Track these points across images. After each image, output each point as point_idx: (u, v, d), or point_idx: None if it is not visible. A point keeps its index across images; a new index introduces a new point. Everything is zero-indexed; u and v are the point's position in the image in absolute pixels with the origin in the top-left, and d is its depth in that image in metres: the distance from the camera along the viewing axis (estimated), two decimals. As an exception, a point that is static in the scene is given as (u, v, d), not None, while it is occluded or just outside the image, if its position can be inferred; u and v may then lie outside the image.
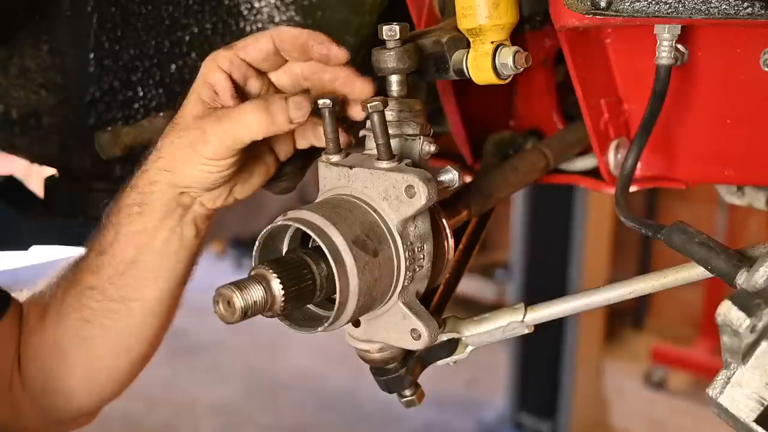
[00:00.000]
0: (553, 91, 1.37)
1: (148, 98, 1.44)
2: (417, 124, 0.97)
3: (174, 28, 1.43)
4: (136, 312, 1.08)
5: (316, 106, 0.94)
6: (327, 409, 4.72)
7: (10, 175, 1.61)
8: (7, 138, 1.43)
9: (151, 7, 1.41)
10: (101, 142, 1.40)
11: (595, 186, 1.32)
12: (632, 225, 0.99)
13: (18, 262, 1.22)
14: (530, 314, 1.03)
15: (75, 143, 1.44)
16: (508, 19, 0.96)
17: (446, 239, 1.00)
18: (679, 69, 1.10)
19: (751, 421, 0.80)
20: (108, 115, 1.43)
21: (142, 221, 1.02)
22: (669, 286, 0.99)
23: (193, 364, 5.03)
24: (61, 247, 1.53)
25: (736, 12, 0.88)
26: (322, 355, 5.13)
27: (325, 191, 0.96)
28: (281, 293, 0.82)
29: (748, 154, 1.17)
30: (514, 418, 4.53)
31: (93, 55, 1.40)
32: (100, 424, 1.27)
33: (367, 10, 1.37)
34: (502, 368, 4.66)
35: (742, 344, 0.78)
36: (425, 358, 1.07)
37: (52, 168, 1.54)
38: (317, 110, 0.95)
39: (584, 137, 1.24)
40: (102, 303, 1.08)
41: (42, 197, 1.57)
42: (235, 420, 4.59)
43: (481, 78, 0.98)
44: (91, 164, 1.45)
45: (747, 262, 0.85)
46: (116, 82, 1.42)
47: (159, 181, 1.00)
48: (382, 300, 0.92)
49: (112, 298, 1.07)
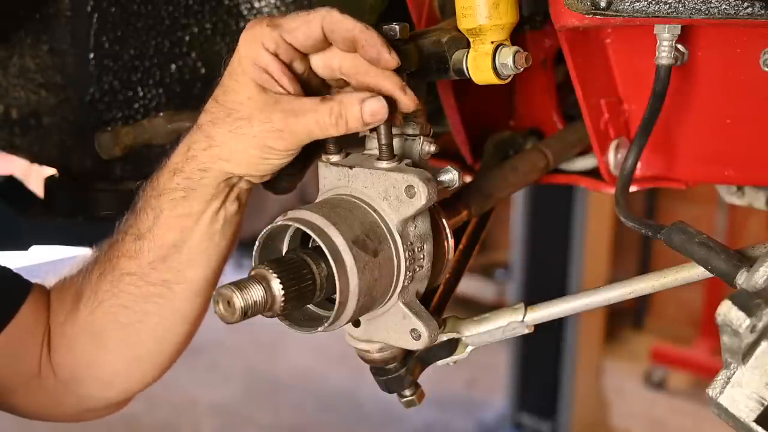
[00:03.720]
0: (553, 91, 1.37)
1: (148, 98, 1.44)
2: (417, 124, 0.97)
3: (174, 28, 1.43)
4: (180, 295, 1.05)
5: None
6: (327, 409, 4.72)
7: (10, 175, 1.61)
8: (7, 138, 1.43)
9: (151, 7, 1.41)
10: (101, 142, 1.40)
11: (595, 186, 1.32)
12: (632, 225, 0.99)
13: (18, 262, 1.22)
14: (530, 314, 1.03)
15: (75, 143, 1.44)
16: (508, 19, 0.96)
17: (446, 239, 1.00)
18: (679, 69, 1.10)
19: (751, 421, 0.80)
20: (108, 115, 1.43)
21: (188, 205, 0.98)
22: (669, 286, 0.99)
23: (194, 363, 5.02)
24: (61, 247, 1.53)
25: (736, 12, 0.88)
26: (322, 355, 5.13)
27: (325, 191, 0.96)
28: (281, 293, 0.82)
29: (748, 154, 1.17)
30: (514, 418, 4.52)
31: (93, 55, 1.40)
32: (101, 423, 1.27)
33: (367, 10, 1.37)
34: (502, 368, 4.66)
35: (742, 344, 0.78)
36: (425, 358, 1.07)
37: (52, 168, 1.54)
38: None
39: (584, 137, 1.25)
40: (143, 288, 1.04)
41: (42, 197, 1.57)
42: (235, 420, 4.59)
43: (481, 78, 0.98)
44: (91, 164, 1.45)
45: (747, 262, 0.85)
46: (116, 82, 1.42)
47: (212, 168, 0.95)
48: (382, 300, 0.92)
49: (154, 283, 1.04)
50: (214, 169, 0.95)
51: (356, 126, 0.90)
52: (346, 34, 0.89)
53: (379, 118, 0.89)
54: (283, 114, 0.90)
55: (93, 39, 1.39)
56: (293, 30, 0.90)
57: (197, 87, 1.45)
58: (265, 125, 0.90)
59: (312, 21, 0.89)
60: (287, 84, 0.91)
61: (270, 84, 0.91)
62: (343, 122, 0.89)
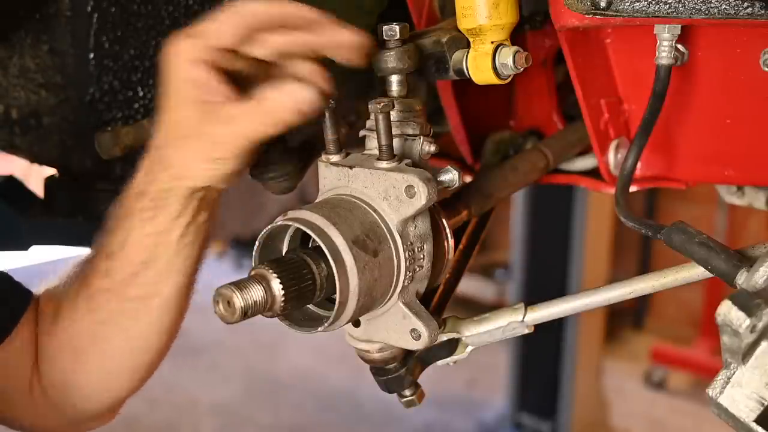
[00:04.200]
0: (553, 91, 1.37)
1: (148, 98, 1.44)
2: (417, 124, 0.97)
3: (174, 28, 1.42)
4: (155, 309, 1.06)
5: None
6: (327, 409, 4.72)
7: (10, 175, 1.61)
8: (7, 138, 1.43)
9: (151, 7, 1.41)
10: (101, 142, 1.40)
11: (595, 186, 1.33)
12: (632, 225, 0.99)
13: (18, 262, 1.22)
14: (530, 314, 1.03)
15: (75, 143, 1.44)
16: (508, 19, 0.96)
17: (446, 239, 1.00)
18: (679, 69, 1.10)
19: (751, 421, 0.80)
20: (108, 115, 1.43)
21: (156, 224, 0.99)
22: (669, 286, 0.99)
23: (194, 364, 5.03)
24: (61, 247, 1.53)
25: (736, 12, 0.88)
26: (322, 355, 5.13)
27: (325, 191, 0.96)
28: (281, 293, 0.82)
29: (748, 154, 1.17)
30: (514, 418, 4.52)
31: (93, 55, 1.40)
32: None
33: (367, 10, 1.36)
34: (502, 368, 4.66)
35: (742, 344, 0.78)
36: (425, 358, 1.07)
37: (52, 168, 1.54)
38: None
39: (584, 137, 1.25)
40: (118, 304, 1.05)
41: (42, 197, 1.57)
42: (235, 419, 4.59)
43: (481, 78, 0.98)
44: (91, 164, 1.45)
45: (747, 262, 0.85)
46: (116, 82, 1.42)
47: (173, 187, 0.96)
48: (382, 300, 0.92)
49: (129, 299, 1.05)
50: (176, 188, 0.96)
51: (292, 119, 0.89)
52: (271, 20, 0.89)
53: (311, 103, 0.88)
54: (219, 125, 0.90)
55: (93, 39, 1.39)
56: (215, 32, 0.90)
57: (197, 87, 1.45)
58: (205, 139, 0.91)
59: (226, 19, 0.89)
60: (219, 94, 0.90)
61: (203, 97, 0.90)
62: (278, 119, 0.88)
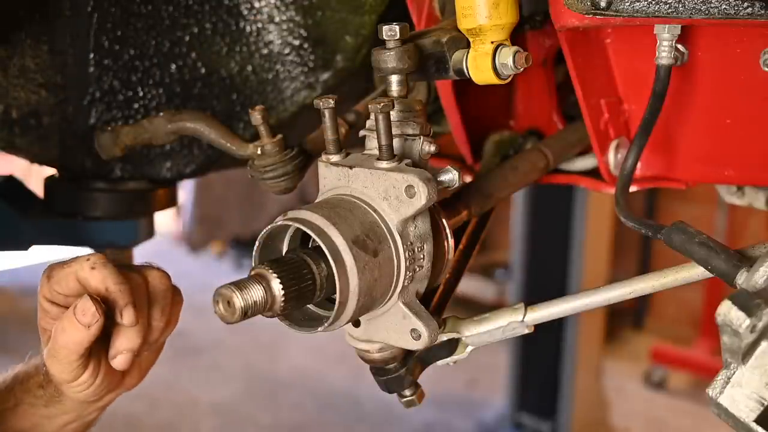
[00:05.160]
0: (553, 91, 1.37)
1: (148, 98, 1.44)
2: (417, 124, 0.97)
3: (174, 28, 1.42)
4: None
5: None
6: (327, 408, 4.72)
7: (10, 175, 1.61)
8: (7, 138, 1.43)
9: (151, 7, 1.41)
10: (101, 142, 1.40)
11: (595, 186, 1.32)
12: (632, 225, 0.99)
13: (18, 262, 1.22)
14: (530, 314, 1.03)
15: (75, 143, 1.44)
16: (508, 19, 0.96)
17: (446, 239, 1.00)
18: (679, 69, 1.10)
19: (751, 421, 0.80)
20: (108, 115, 1.43)
21: (47, 412, 1.09)
22: (669, 286, 0.99)
23: (194, 364, 5.03)
24: (61, 247, 1.53)
25: (736, 12, 0.88)
26: (321, 354, 5.13)
27: (325, 191, 0.96)
28: (281, 293, 0.82)
29: (747, 154, 1.17)
30: (514, 418, 4.52)
31: (93, 55, 1.40)
32: (103, 423, 1.27)
33: (367, 10, 1.37)
34: (502, 368, 4.66)
35: (742, 344, 0.78)
36: (425, 358, 1.07)
37: (52, 168, 1.54)
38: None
39: (584, 137, 1.25)
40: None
41: (42, 197, 1.57)
42: (236, 419, 4.59)
43: (481, 78, 0.98)
44: (91, 164, 1.45)
45: (747, 262, 0.85)
46: (116, 82, 1.42)
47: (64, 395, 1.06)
48: (382, 300, 0.92)
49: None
50: (66, 397, 1.06)
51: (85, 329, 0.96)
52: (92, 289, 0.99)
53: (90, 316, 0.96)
54: (49, 344, 1.00)
55: (93, 39, 1.39)
56: (58, 282, 1.00)
57: (197, 87, 1.45)
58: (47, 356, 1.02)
59: (69, 275, 0.99)
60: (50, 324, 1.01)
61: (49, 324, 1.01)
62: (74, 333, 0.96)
